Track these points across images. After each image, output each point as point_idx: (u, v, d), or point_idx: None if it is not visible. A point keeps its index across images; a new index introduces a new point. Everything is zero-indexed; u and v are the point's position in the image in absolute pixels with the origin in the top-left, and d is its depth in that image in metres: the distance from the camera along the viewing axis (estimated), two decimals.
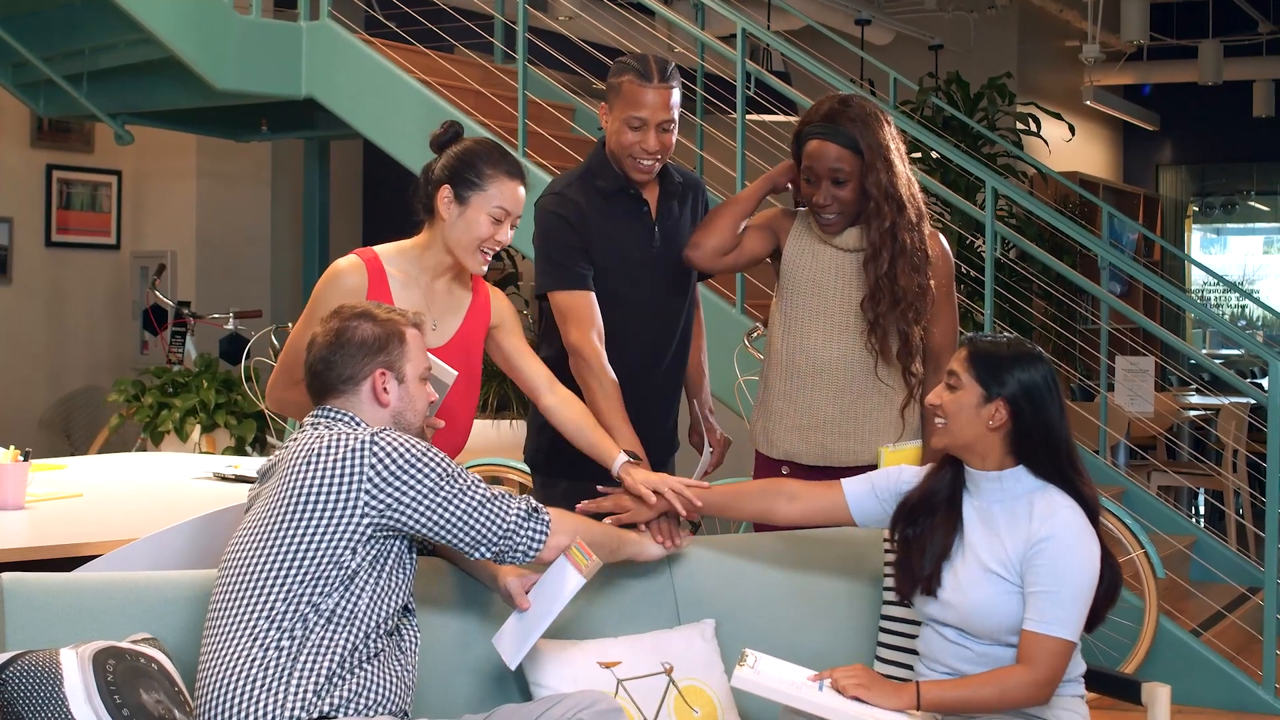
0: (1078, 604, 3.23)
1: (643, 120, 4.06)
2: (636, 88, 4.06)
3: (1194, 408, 10.28)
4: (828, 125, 4.03)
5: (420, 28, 7.87)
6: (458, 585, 3.53)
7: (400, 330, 3.28)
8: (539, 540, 3.23)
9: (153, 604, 3.22)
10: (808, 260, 4.15)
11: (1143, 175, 15.93)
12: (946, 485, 3.42)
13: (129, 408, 7.90)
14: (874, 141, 4.01)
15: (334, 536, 3.03)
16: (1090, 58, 11.80)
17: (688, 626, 3.67)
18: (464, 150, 3.73)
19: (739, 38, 6.88)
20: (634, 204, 4.22)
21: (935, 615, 3.38)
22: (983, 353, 3.33)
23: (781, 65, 11.14)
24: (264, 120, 8.55)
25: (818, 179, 4.03)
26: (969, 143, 9.34)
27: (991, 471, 3.34)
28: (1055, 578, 3.21)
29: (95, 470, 5.31)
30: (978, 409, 3.31)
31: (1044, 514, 3.26)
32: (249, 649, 2.98)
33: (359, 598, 3.04)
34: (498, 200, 3.68)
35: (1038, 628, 3.21)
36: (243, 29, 7.21)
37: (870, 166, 3.99)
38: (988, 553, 3.30)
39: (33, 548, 3.85)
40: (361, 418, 3.22)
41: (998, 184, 6.80)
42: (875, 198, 3.99)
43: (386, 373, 3.24)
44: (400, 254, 3.78)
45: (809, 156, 4.05)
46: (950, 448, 3.39)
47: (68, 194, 10.04)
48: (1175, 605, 6.59)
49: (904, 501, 3.48)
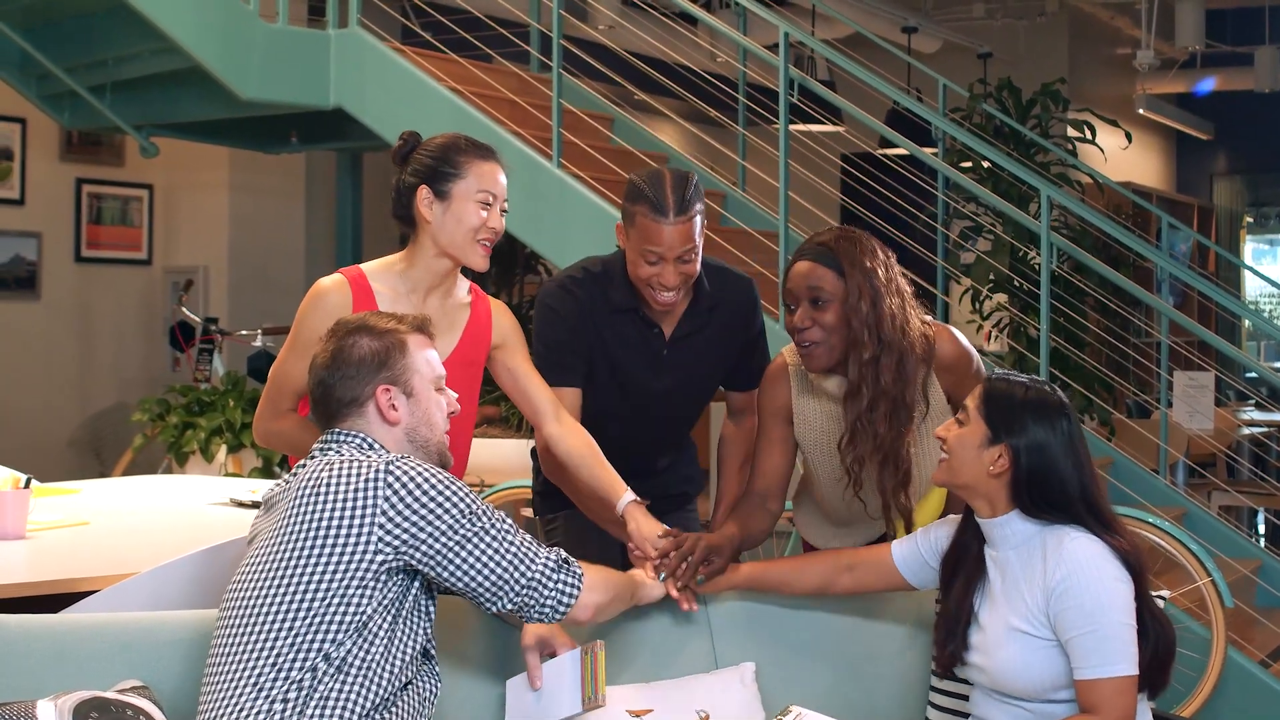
0: (1124, 633, 2.99)
1: (659, 255, 3.70)
2: (650, 223, 3.68)
3: (1255, 424, 10.01)
4: (816, 248, 3.68)
5: (456, 37, 7.68)
6: (482, 623, 3.28)
7: (401, 340, 3.04)
8: (569, 595, 2.96)
9: (145, 649, 3.00)
10: (804, 419, 3.82)
11: (1197, 185, 15.65)
12: (973, 538, 3.24)
13: (153, 427, 7.72)
14: (861, 267, 3.63)
15: (345, 576, 2.77)
16: (1144, 64, 11.52)
17: (725, 671, 3.43)
18: (431, 148, 3.56)
19: (781, 43, 6.66)
20: (644, 326, 3.91)
21: (976, 680, 3.20)
22: (997, 394, 3.14)
23: (827, 74, 10.95)
24: (293, 132, 8.38)
25: (796, 300, 3.67)
26: (1021, 151, 9.10)
27: (997, 518, 3.15)
28: (1087, 616, 2.99)
29: (108, 495, 5.10)
30: (980, 450, 3.12)
31: (1054, 551, 3.05)
32: (253, 700, 2.73)
33: (372, 645, 2.78)
34: (479, 184, 3.51)
35: (1093, 673, 2.98)
36: (268, 37, 7.03)
37: (853, 292, 3.61)
38: (1009, 608, 3.11)
39: (25, 583, 3.63)
40: (373, 438, 2.98)
41: (1053, 192, 6.56)
42: (855, 328, 3.61)
43: (391, 389, 3.00)
44: (387, 270, 3.58)
45: (791, 279, 3.69)
46: (949, 486, 3.24)
47: (98, 208, 9.92)
48: (1241, 634, 6.32)
49: (943, 562, 3.31)
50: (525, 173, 6.59)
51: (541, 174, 6.69)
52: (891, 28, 11.25)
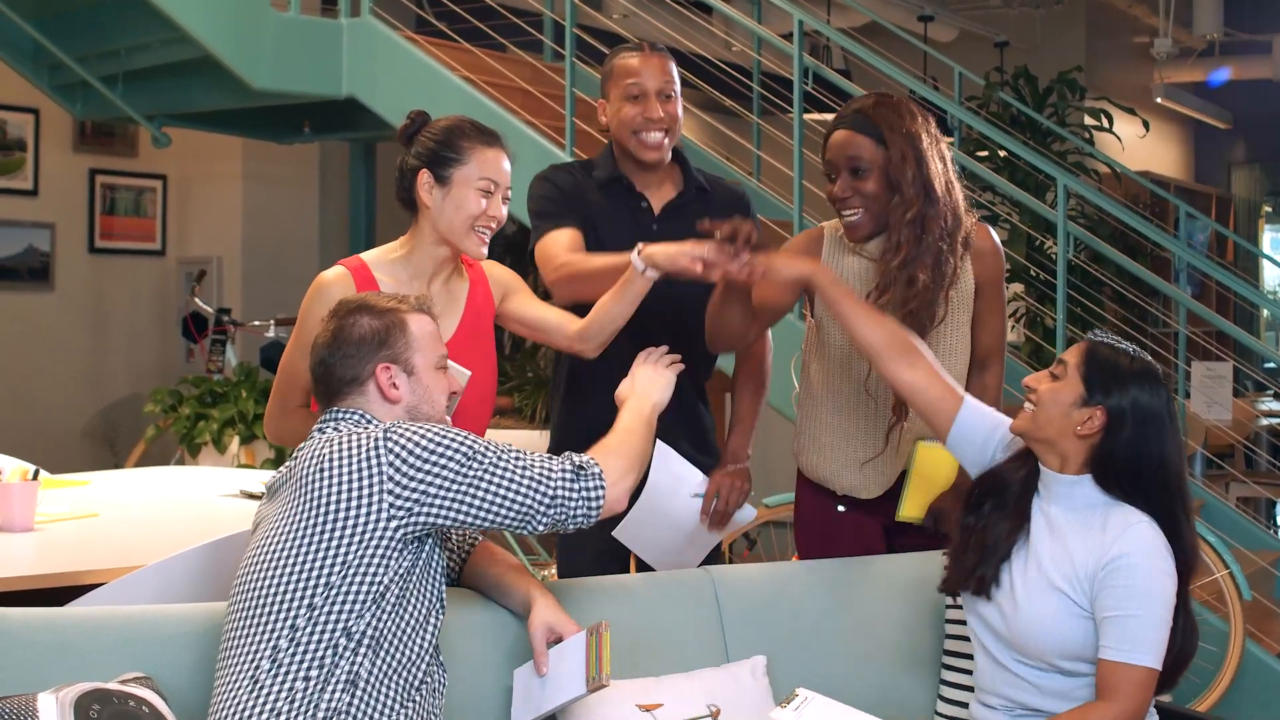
0: (1161, 628, 2.93)
1: (641, 87, 3.87)
2: (628, 60, 3.90)
3: (1273, 414, 9.94)
4: (854, 116, 3.66)
5: (469, 26, 7.64)
6: (488, 618, 3.24)
7: (401, 319, 3.01)
8: (596, 497, 2.92)
9: (149, 642, 2.94)
10: (840, 275, 3.76)
11: (1215, 174, 15.55)
12: (1020, 481, 3.14)
13: (166, 418, 7.69)
14: (902, 132, 3.62)
15: (361, 548, 2.74)
16: (1163, 53, 11.44)
17: (737, 664, 3.37)
18: (435, 131, 3.51)
19: (795, 31, 6.62)
20: (632, 198, 3.96)
21: (984, 618, 3.11)
22: (1101, 355, 3.04)
23: (843, 63, 10.89)
24: (306, 121, 8.35)
25: (836, 171, 3.66)
26: (1038, 140, 9.05)
27: (1068, 475, 3.05)
28: (1135, 600, 2.92)
29: (119, 487, 5.08)
30: (1072, 408, 3.01)
31: (1118, 528, 2.97)
32: (271, 676, 2.69)
33: (392, 620, 2.76)
34: (480, 172, 3.46)
35: (1120, 656, 2.92)
36: (280, 26, 7.00)
37: (895, 157, 3.60)
38: (1053, 565, 3.02)
39: (31, 576, 3.61)
40: (372, 414, 2.95)
41: (1070, 181, 6.50)
42: (904, 190, 3.59)
43: (391, 367, 2.97)
44: (389, 258, 3.54)
45: (829, 149, 3.68)
46: (1028, 436, 3.10)
47: (111, 199, 9.90)
48: (1259, 626, 6.25)
49: (978, 480, 3.21)
50: (538, 162, 6.50)
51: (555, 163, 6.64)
52: (908, 16, 11.19)
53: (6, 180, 9.34)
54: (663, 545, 3.89)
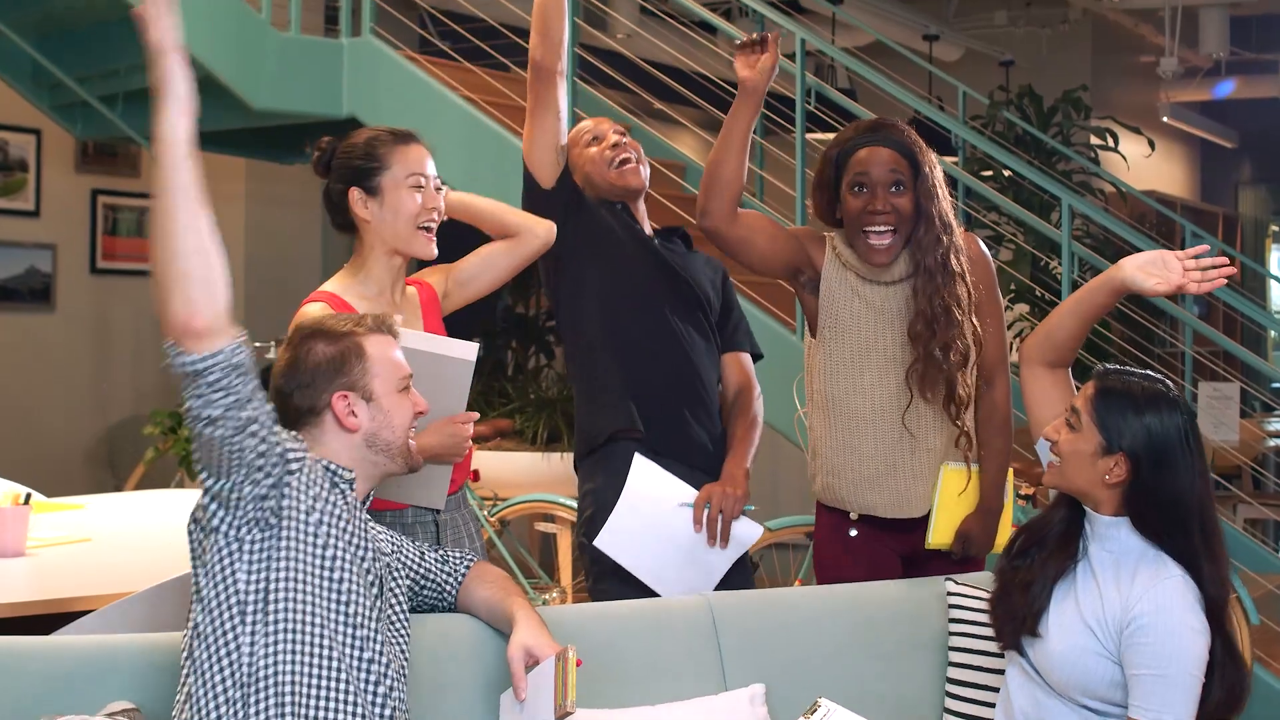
0: (1189, 684, 2.88)
1: (594, 134, 4.10)
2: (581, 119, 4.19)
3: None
4: (875, 133, 3.69)
5: (470, 46, 7.61)
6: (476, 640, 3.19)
7: (358, 344, 2.96)
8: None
9: (137, 670, 2.91)
10: (847, 296, 3.75)
11: (1221, 194, 15.54)
12: (1061, 521, 3.11)
13: (165, 440, 7.66)
14: (929, 160, 3.70)
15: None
16: (1168, 72, 11.42)
17: (735, 692, 3.32)
18: (350, 149, 3.54)
19: (798, 50, 6.60)
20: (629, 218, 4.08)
21: (1029, 656, 3.07)
22: (1112, 393, 3.00)
23: (847, 83, 10.87)
24: (307, 142, 8.30)
25: (873, 186, 3.65)
26: (1043, 159, 9.02)
27: (1108, 516, 3.02)
28: (1161, 660, 2.88)
29: (114, 511, 5.04)
30: (1094, 459, 2.98)
31: (1146, 583, 2.93)
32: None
33: None
34: (406, 169, 3.49)
35: (1145, 715, 2.87)
36: (281, 46, 6.97)
37: (924, 180, 3.66)
38: (1087, 603, 2.99)
39: (22, 602, 3.57)
40: (325, 444, 2.90)
41: (1075, 201, 6.47)
42: (929, 213, 3.65)
43: (348, 395, 2.92)
44: (352, 279, 3.56)
45: (860, 164, 3.67)
46: (1061, 489, 3.09)
47: (114, 219, 9.85)
48: (1267, 651, 6.20)
49: (1021, 528, 3.20)
50: None
51: None
52: (913, 35, 11.19)
53: (8, 201, 9.30)
54: (661, 562, 3.85)
